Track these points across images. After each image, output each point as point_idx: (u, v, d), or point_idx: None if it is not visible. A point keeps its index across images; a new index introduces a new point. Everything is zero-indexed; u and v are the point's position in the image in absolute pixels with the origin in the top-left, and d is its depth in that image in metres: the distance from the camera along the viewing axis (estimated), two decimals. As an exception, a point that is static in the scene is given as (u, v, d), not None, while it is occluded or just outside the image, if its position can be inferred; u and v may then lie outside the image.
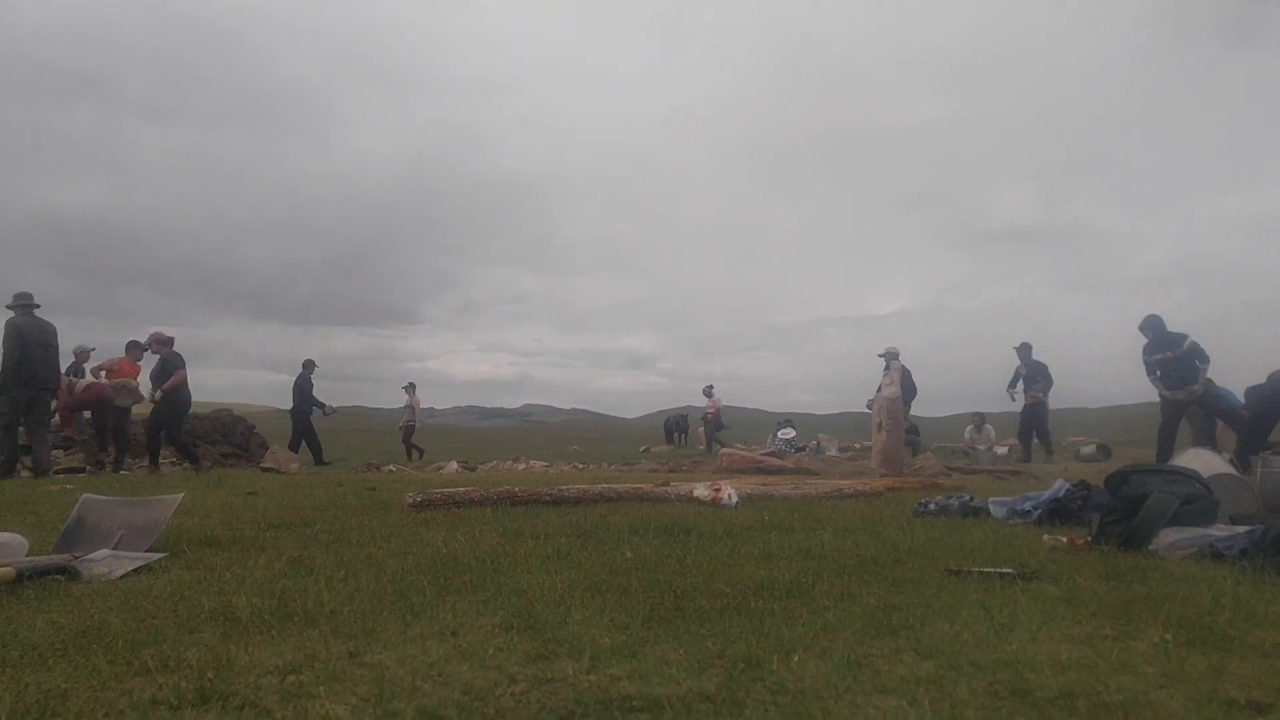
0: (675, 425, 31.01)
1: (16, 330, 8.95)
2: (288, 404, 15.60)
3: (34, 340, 9.01)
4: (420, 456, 16.51)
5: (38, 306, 9.30)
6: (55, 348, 9.37)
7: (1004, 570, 2.73)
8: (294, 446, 13.86)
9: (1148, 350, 10.01)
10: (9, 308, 9.26)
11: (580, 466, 13.21)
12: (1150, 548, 3.22)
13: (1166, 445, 9.92)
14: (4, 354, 8.91)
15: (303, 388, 14.69)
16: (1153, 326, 9.93)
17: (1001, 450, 18.52)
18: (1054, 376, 13.53)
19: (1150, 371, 10.19)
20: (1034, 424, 13.69)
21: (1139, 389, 10.80)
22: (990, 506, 4.63)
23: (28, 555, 3.03)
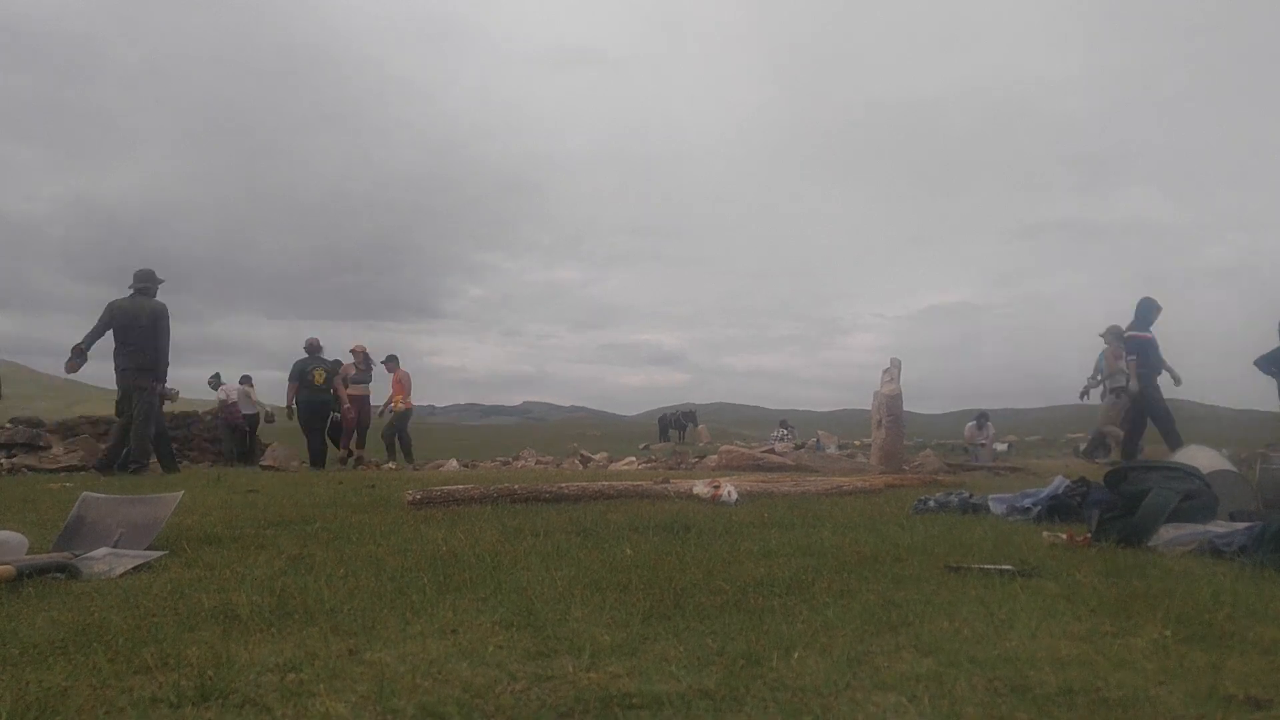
0: (672, 422, 30.99)
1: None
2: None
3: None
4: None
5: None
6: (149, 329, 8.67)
7: (1004, 567, 2.73)
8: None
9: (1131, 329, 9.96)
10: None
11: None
12: (1149, 544, 3.22)
13: (1136, 438, 9.85)
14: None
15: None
16: (1147, 310, 9.80)
17: (1001, 447, 18.54)
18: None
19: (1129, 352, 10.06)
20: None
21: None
22: (990, 503, 4.63)
23: (27, 553, 3.03)
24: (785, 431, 21.15)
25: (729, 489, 5.16)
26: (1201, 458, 4.61)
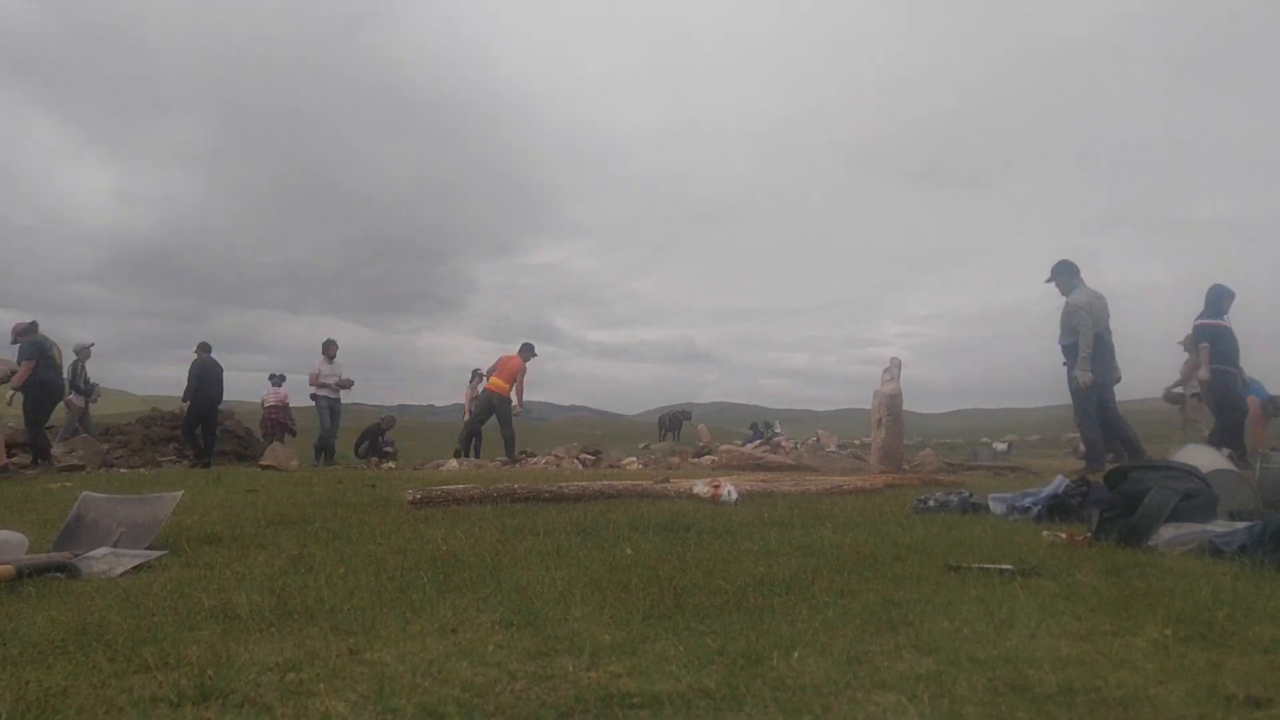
0: (670, 421, 30.99)
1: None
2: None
3: None
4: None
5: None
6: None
7: (1003, 566, 2.73)
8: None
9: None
10: None
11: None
12: (1149, 544, 3.22)
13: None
14: None
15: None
16: (1218, 297, 8.98)
17: (1001, 446, 18.56)
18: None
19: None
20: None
21: (1138, 385, 10.64)
22: (990, 503, 4.63)
23: (27, 553, 3.03)
24: (766, 428, 21.20)
25: (729, 488, 5.16)
26: (1201, 457, 4.61)
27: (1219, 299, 9.21)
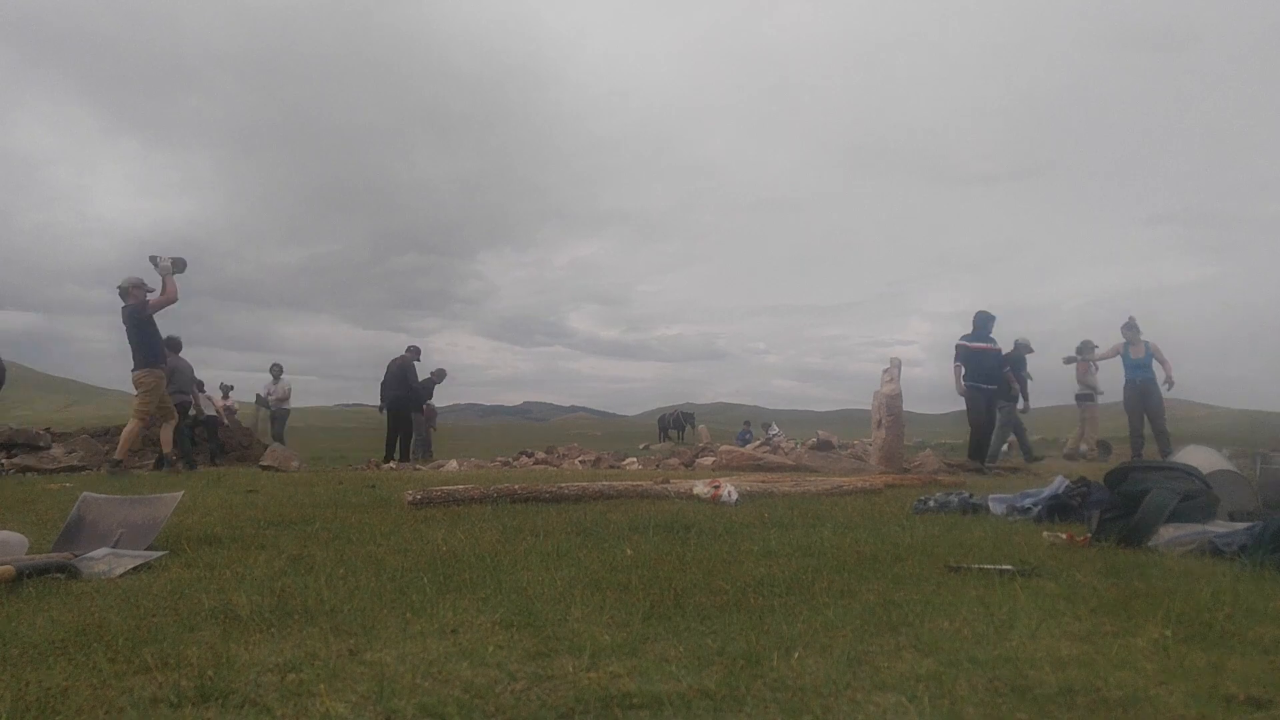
0: (672, 422, 31.00)
1: None
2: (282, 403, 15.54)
3: None
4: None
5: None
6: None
7: (1004, 567, 2.73)
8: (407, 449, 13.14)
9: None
10: None
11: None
12: (1150, 544, 3.22)
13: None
14: None
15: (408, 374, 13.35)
16: (983, 322, 10.42)
17: (1001, 447, 18.51)
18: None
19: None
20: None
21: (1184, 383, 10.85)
22: (990, 503, 4.63)
23: (27, 553, 3.03)
24: (763, 429, 21.31)
25: (729, 489, 5.16)
26: (1201, 457, 4.61)
27: (984, 323, 10.45)
